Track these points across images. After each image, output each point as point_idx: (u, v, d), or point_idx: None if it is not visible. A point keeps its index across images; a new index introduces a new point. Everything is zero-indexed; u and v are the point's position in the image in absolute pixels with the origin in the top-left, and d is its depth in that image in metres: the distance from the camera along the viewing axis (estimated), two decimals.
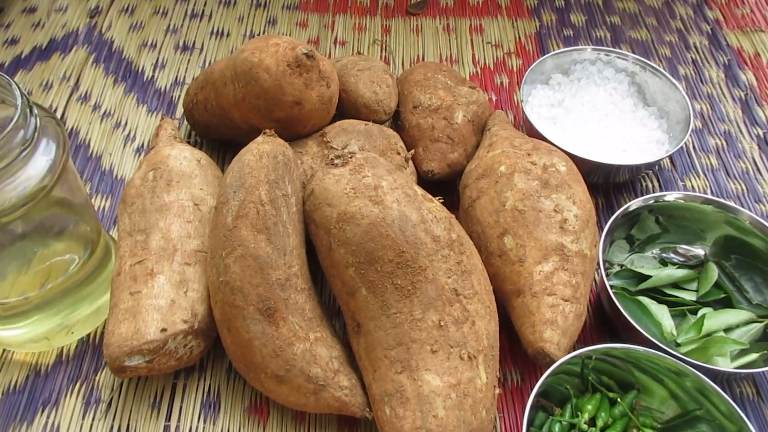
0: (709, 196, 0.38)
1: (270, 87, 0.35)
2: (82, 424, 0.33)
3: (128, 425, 0.33)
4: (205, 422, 0.33)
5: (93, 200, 0.42)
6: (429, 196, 0.33)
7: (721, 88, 0.50)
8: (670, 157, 0.46)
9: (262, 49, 0.36)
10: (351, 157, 0.33)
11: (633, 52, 0.53)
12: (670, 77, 0.45)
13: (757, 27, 0.55)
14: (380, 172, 0.32)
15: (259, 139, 0.33)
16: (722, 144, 0.47)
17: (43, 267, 0.34)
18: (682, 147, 0.46)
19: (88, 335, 0.36)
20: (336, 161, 0.33)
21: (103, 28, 0.53)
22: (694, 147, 0.47)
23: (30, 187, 0.29)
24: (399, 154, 0.38)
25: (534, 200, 0.35)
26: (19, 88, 0.29)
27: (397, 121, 0.42)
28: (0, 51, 0.51)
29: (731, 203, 0.38)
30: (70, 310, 0.35)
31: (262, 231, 0.31)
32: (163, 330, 0.31)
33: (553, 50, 0.53)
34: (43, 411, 0.33)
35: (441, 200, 0.33)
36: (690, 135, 0.47)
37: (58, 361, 0.35)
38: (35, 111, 0.29)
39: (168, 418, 0.33)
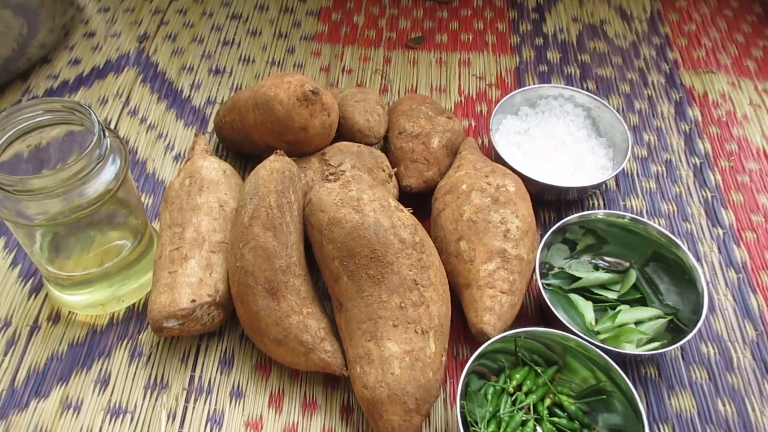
0: (630, 214, 0.46)
1: (282, 116, 0.45)
2: (128, 372, 0.43)
3: (163, 374, 0.43)
4: (221, 375, 0.43)
5: (140, 197, 0.52)
6: (401, 207, 0.42)
7: (669, 122, 0.59)
8: (616, 180, 0.54)
9: (278, 86, 0.46)
10: (341, 175, 0.42)
11: (597, 88, 0.62)
12: (616, 113, 0.53)
13: (710, 69, 0.63)
14: (363, 187, 0.42)
15: (272, 157, 0.43)
16: (662, 170, 0.55)
17: (101, 249, 0.44)
18: (626, 171, 0.55)
19: (134, 304, 0.46)
20: (330, 177, 0.42)
21: (150, 52, 0.64)
22: (637, 172, 0.55)
23: (101, 191, 0.39)
24: (384, 171, 0.48)
25: (485, 213, 0.44)
26: (96, 116, 0.39)
27: (385, 143, 0.52)
28: (66, 69, 0.61)
29: (645, 219, 0.46)
30: (121, 284, 0.45)
31: (270, 229, 0.40)
32: (193, 301, 0.41)
33: (529, 84, 0.62)
34: (98, 360, 0.43)
35: (410, 210, 0.43)
36: (635, 162, 0.56)
37: (110, 322, 0.45)
38: (107, 133, 0.39)
39: (193, 370, 0.43)
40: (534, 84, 0.62)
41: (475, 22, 0.68)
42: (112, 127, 0.57)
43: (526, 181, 0.49)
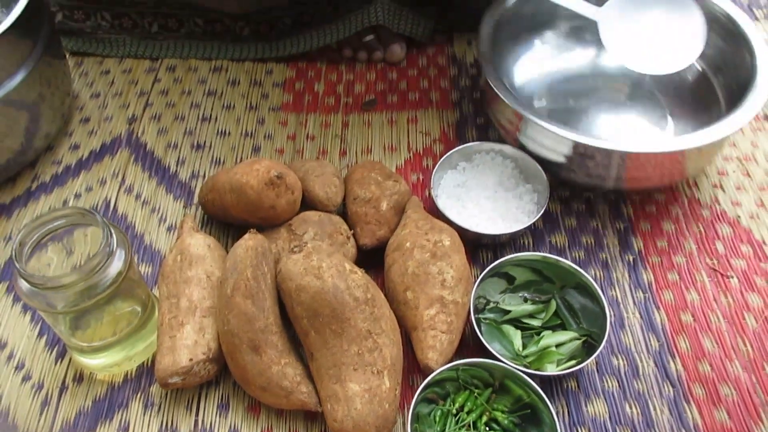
0: (545, 254, 0.56)
1: (254, 198, 0.55)
2: (143, 420, 0.52)
3: (172, 419, 0.52)
4: (220, 417, 0.52)
5: (140, 268, 0.62)
6: (355, 269, 0.52)
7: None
8: (542, 220, 0.64)
9: (248, 173, 0.55)
10: (304, 246, 0.52)
11: None
12: (537, 164, 0.63)
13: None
14: (322, 256, 0.51)
15: (246, 236, 0.53)
16: (582, 208, 0.65)
17: (114, 320, 0.53)
18: (550, 211, 0.64)
19: (143, 362, 0.56)
20: (295, 249, 0.52)
21: (139, 133, 0.73)
22: (560, 211, 0.65)
23: (113, 276, 0.48)
24: (342, 234, 0.57)
25: (425, 267, 0.54)
26: (103, 219, 0.48)
27: (343, 208, 0.61)
28: (67, 155, 0.71)
29: (555, 256, 0.56)
30: (131, 347, 0.55)
31: (249, 297, 0.50)
32: (191, 360, 0.50)
33: (469, 136, 0.72)
34: (118, 411, 0.53)
35: (363, 270, 0.52)
36: (558, 203, 0.65)
37: (125, 379, 0.55)
38: (113, 231, 0.49)
39: (197, 414, 0.52)
40: (473, 136, 0.72)
41: (421, 81, 0.78)
42: (111, 205, 0.66)
43: (464, 231, 0.59)
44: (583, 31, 0.74)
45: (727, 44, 0.66)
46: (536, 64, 0.75)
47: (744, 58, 0.63)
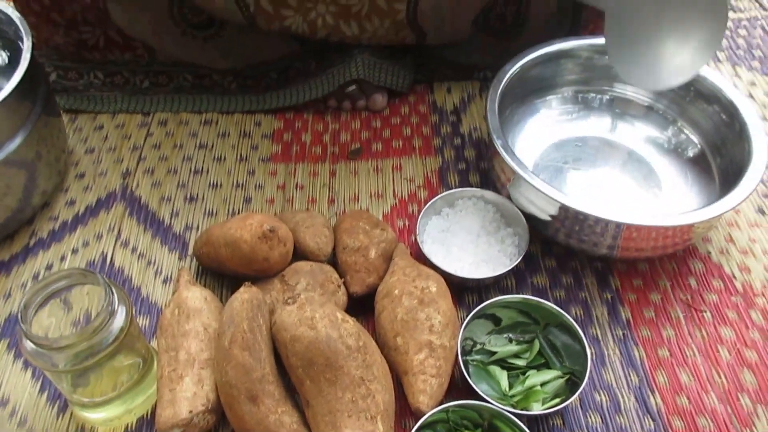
0: (526, 296, 0.59)
1: (248, 252, 0.57)
2: None
3: None
4: None
5: (137, 320, 0.64)
6: (347, 317, 0.54)
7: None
8: (523, 262, 0.67)
9: (242, 227, 0.58)
10: (298, 297, 0.55)
11: None
12: (517, 209, 0.66)
13: None
14: (315, 307, 0.54)
15: (242, 289, 0.55)
16: (561, 251, 0.68)
17: (114, 373, 0.55)
18: (530, 254, 0.67)
19: (144, 414, 0.57)
20: (289, 300, 0.54)
21: (133, 187, 0.75)
22: (540, 252, 0.68)
23: (116, 334, 0.50)
24: (333, 283, 0.60)
25: (414, 313, 0.56)
26: (104, 279, 0.50)
27: (334, 257, 0.64)
28: (64, 211, 0.73)
29: (536, 298, 0.59)
30: (131, 400, 0.56)
31: (245, 349, 0.52)
32: (190, 411, 0.52)
33: (451, 182, 0.75)
34: None
35: (354, 319, 0.55)
36: (538, 245, 0.68)
37: (126, 430, 0.56)
38: (114, 290, 0.51)
39: None
40: (455, 181, 0.75)
41: (403, 129, 0.81)
42: (108, 259, 0.68)
43: (450, 276, 0.62)
44: (586, 96, 0.78)
45: (727, 127, 0.69)
46: (538, 126, 0.77)
47: (742, 143, 0.65)
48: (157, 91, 0.85)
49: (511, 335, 0.61)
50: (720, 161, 0.69)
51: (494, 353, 0.59)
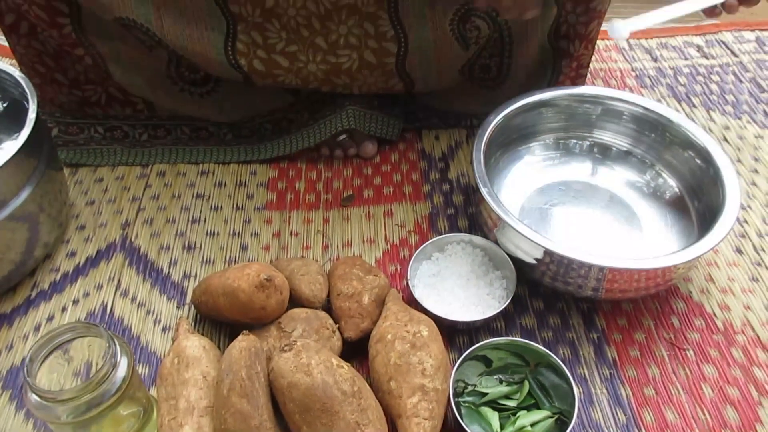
0: (513, 338, 0.61)
1: (245, 300, 0.60)
2: None
3: None
4: None
5: (137, 368, 0.65)
6: (342, 363, 0.56)
7: None
8: (512, 304, 0.69)
9: (239, 277, 0.60)
10: (294, 344, 0.56)
11: None
12: (505, 253, 0.69)
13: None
14: (311, 353, 0.56)
15: (240, 338, 0.57)
16: (549, 292, 0.71)
17: (115, 422, 0.56)
18: (518, 296, 0.70)
19: None
20: (285, 348, 0.56)
21: (132, 237, 0.78)
22: (527, 293, 0.70)
23: (118, 385, 0.52)
24: (328, 329, 0.62)
25: (407, 357, 0.58)
26: (108, 332, 0.52)
27: (328, 303, 0.66)
28: (65, 262, 0.75)
29: (523, 339, 0.61)
30: None
31: (244, 396, 0.54)
32: None
33: (441, 227, 0.78)
34: None
35: (349, 365, 0.57)
36: (525, 286, 0.71)
37: None
38: (116, 342, 0.53)
39: None
40: (445, 226, 0.78)
41: (394, 176, 0.84)
42: (108, 309, 0.70)
43: (440, 319, 0.64)
44: (567, 142, 0.82)
45: (702, 171, 0.72)
46: (523, 172, 0.80)
47: (717, 187, 0.68)
48: (155, 143, 0.88)
49: (501, 376, 0.63)
50: (697, 204, 0.72)
51: (485, 395, 0.61)
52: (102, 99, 0.84)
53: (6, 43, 0.80)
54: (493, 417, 0.59)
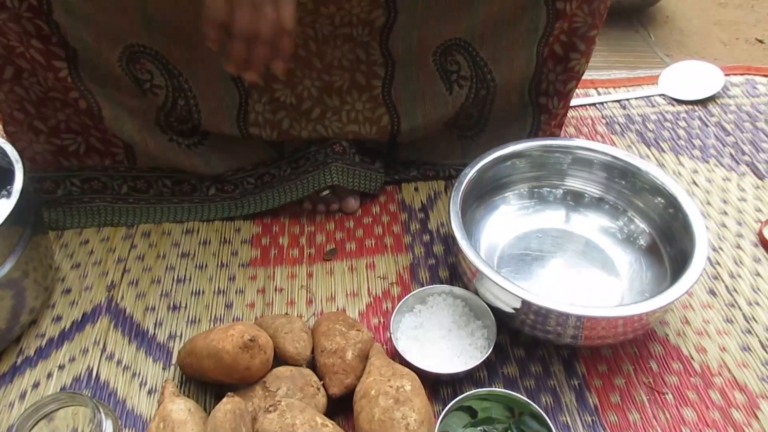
0: (492, 388, 0.62)
1: (230, 362, 0.60)
2: None
3: None
4: None
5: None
6: (326, 421, 0.57)
7: None
8: (494, 353, 0.70)
9: (224, 339, 0.61)
10: (278, 404, 0.57)
11: None
12: (484, 302, 0.70)
13: None
14: (295, 413, 0.56)
15: (225, 400, 0.58)
16: (529, 339, 0.72)
17: None
18: (499, 345, 0.71)
19: None
20: (270, 408, 0.57)
21: (118, 299, 0.78)
22: (509, 342, 0.72)
23: None
24: (313, 386, 0.63)
25: (390, 413, 0.59)
26: (91, 400, 0.53)
27: (312, 360, 0.67)
28: (50, 327, 0.75)
29: (505, 390, 0.62)
30: None
31: None
32: None
33: (422, 277, 0.80)
34: None
35: (333, 422, 0.57)
36: (507, 335, 0.72)
37: None
38: (101, 409, 0.53)
39: None
40: (426, 276, 0.80)
41: (375, 228, 0.86)
42: (93, 373, 0.70)
43: (423, 372, 0.65)
44: (540, 191, 0.84)
45: (672, 217, 0.74)
46: (500, 221, 0.82)
47: (686, 232, 0.70)
48: (137, 197, 0.89)
49: (485, 427, 0.63)
50: (669, 249, 0.74)
51: None
52: (81, 149, 0.84)
53: None
54: None
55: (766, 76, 1.11)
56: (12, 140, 0.81)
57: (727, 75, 1.10)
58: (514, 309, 0.67)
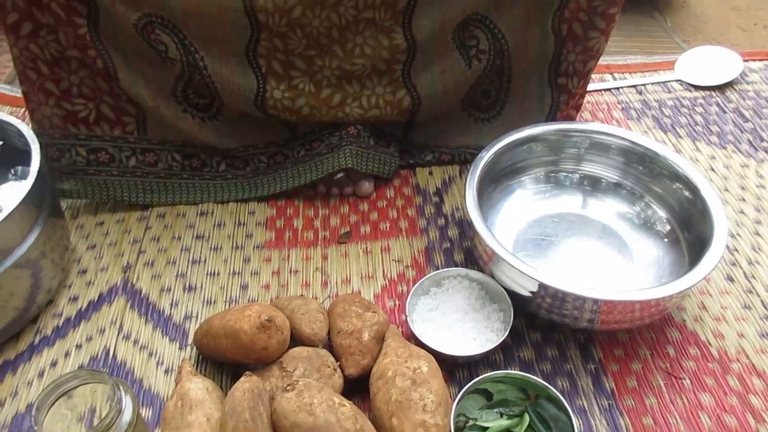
0: (508, 371, 0.62)
1: (247, 342, 0.61)
2: None
3: None
4: None
5: (141, 411, 0.65)
6: (344, 401, 0.57)
7: None
8: (510, 336, 0.70)
9: (241, 319, 0.61)
10: (296, 384, 0.57)
11: None
12: (500, 286, 0.70)
13: None
14: (313, 392, 0.56)
15: (242, 379, 0.58)
16: (546, 323, 0.72)
17: None
18: (515, 328, 0.71)
19: None
20: (288, 388, 0.57)
21: (134, 280, 0.79)
22: (525, 325, 0.71)
23: (123, 429, 0.53)
24: (329, 367, 0.63)
25: (408, 393, 0.59)
26: (111, 377, 0.53)
27: (329, 341, 0.67)
28: (67, 307, 0.76)
29: (522, 372, 0.62)
30: None
31: None
32: None
33: (437, 261, 0.79)
34: None
35: (351, 402, 0.58)
36: (522, 318, 0.72)
37: None
38: (121, 387, 0.54)
39: None
40: (441, 259, 0.79)
41: (390, 211, 0.86)
42: (111, 353, 0.71)
43: (439, 354, 0.65)
44: (557, 175, 0.84)
45: (690, 203, 0.73)
46: (516, 205, 0.82)
47: (705, 217, 0.70)
48: (146, 171, 0.87)
49: (502, 409, 0.63)
50: (687, 234, 0.74)
51: (486, 428, 0.61)
52: (91, 116, 0.83)
53: (8, 92, 0.82)
54: None
55: None
56: (24, 102, 0.81)
57: (746, 61, 1.08)
58: (531, 292, 0.66)
